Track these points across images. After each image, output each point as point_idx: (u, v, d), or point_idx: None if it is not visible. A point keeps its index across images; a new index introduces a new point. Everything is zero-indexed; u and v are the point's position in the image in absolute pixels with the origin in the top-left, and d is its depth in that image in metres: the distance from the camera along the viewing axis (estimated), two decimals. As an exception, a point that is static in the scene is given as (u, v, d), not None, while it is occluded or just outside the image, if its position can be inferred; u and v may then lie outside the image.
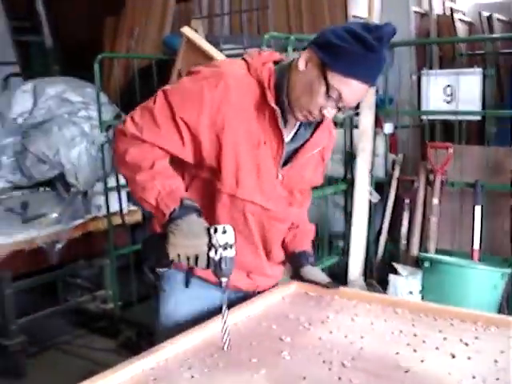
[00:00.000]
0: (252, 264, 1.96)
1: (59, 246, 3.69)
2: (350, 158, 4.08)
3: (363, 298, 2.03)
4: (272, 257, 2.04)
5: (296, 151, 1.90)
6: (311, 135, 1.91)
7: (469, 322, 1.81)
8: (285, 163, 1.88)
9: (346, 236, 4.09)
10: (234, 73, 1.80)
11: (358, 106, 3.92)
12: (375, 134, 4.01)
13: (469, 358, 1.57)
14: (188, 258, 1.67)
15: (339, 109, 1.75)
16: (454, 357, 1.57)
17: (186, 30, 3.25)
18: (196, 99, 1.74)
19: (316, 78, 1.71)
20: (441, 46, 5.30)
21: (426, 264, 3.60)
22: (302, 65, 1.74)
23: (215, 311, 1.81)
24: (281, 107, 1.78)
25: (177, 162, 1.84)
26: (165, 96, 1.77)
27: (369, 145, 3.89)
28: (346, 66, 1.67)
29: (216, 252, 1.64)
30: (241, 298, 1.99)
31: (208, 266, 1.67)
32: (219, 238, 1.64)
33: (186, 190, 1.84)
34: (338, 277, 3.65)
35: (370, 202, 3.99)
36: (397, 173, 4.06)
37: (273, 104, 1.77)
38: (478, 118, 4.14)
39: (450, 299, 3.10)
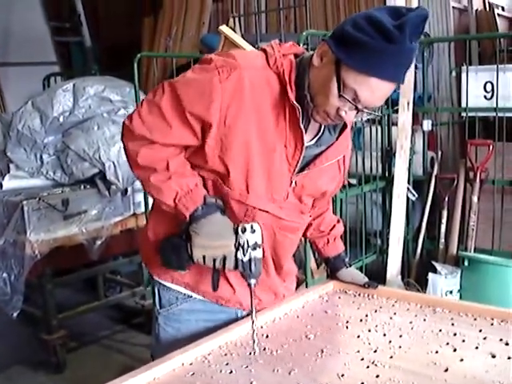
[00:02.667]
0: (259, 279, 1.67)
1: (99, 242, 3.75)
2: (387, 156, 4.06)
3: (402, 297, 2.01)
4: (283, 273, 1.88)
5: (315, 157, 1.70)
6: (336, 140, 1.73)
7: (509, 321, 1.78)
8: (301, 169, 1.69)
9: (383, 234, 4.07)
10: (250, 64, 1.58)
11: (395, 104, 3.91)
12: (413, 131, 3.97)
13: (509, 358, 1.55)
14: (214, 260, 1.58)
15: (358, 110, 1.53)
16: (493, 356, 1.56)
17: (223, 28, 3.25)
18: (205, 91, 1.53)
19: (330, 75, 1.50)
20: (480, 42, 5.20)
21: (466, 263, 3.57)
22: (316, 60, 1.55)
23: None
24: (302, 105, 1.58)
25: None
26: (172, 89, 1.57)
27: (407, 142, 3.86)
28: (360, 60, 1.44)
29: (244, 253, 1.55)
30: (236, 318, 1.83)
31: (236, 268, 1.59)
32: (249, 238, 1.55)
33: None
34: (375, 276, 3.62)
35: (408, 199, 3.96)
36: (435, 170, 4.02)
37: (293, 101, 1.56)
38: (519, 114, 4.07)
39: (490, 298, 3.07)
